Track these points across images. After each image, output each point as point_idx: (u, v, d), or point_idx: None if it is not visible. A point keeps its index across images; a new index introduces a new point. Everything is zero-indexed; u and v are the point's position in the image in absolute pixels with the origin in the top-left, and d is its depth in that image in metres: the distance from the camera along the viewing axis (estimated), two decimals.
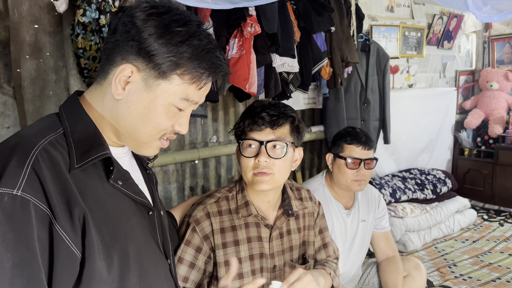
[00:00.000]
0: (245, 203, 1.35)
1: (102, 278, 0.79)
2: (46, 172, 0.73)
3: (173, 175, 2.72)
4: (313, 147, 3.60)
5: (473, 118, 4.55)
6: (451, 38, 4.55)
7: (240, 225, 1.34)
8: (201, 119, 2.77)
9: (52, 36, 2.09)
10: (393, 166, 4.05)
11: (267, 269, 1.36)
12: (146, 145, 0.90)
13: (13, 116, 2.03)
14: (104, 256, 0.79)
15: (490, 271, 2.91)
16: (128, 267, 0.84)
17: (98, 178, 0.84)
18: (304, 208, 1.49)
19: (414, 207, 3.50)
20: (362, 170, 1.92)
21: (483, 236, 3.62)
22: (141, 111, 0.85)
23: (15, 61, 2.00)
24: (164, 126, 0.87)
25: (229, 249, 1.31)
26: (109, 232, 0.81)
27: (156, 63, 0.82)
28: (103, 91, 0.87)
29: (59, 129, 0.82)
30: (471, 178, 4.57)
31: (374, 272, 2.15)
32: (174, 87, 0.84)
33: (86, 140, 0.83)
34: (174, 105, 0.86)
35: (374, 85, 3.52)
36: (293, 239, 1.43)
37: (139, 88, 0.84)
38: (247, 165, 1.30)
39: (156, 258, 0.95)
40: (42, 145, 0.76)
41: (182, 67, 0.83)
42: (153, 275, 0.92)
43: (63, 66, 2.14)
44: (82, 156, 0.80)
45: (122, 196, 0.88)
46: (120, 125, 0.87)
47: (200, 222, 1.31)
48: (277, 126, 1.28)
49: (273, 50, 2.37)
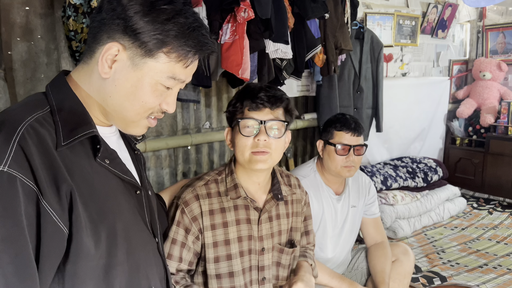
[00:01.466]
0: (234, 186, 1.37)
1: (90, 254, 0.80)
2: (33, 148, 0.74)
3: (166, 160, 2.72)
4: (306, 134, 3.61)
5: (465, 108, 4.58)
6: (445, 27, 4.55)
7: (229, 207, 1.36)
8: (194, 105, 2.77)
9: (44, 18, 2.07)
10: (385, 154, 4.08)
11: (255, 251, 1.38)
12: (133, 124, 0.91)
13: (4, 98, 2.02)
14: (92, 233, 0.80)
15: (478, 258, 2.96)
16: (115, 244, 0.85)
17: (86, 156, 0.84)
18: (292, 194, 1.52)
19: (405, 195, 3.54)
20: (352, 156, 1.94)
21: (472, 224, 3.67)
22: (128, 90, 0.85)
23: (5, 43, 1.98)
24: (151, 104, 0.88)
25: (217, 231, 1.33)
26: (97, 209, 0.82)
27: (142, 41, 0.82)
28: (90, 70, 0.87)
29: (46, 107, 0.83)
30: (462, 167, 4.62)
31: (363, 257, 2.19)
32: (161, 65, 0.84)
33: (73, 119, 0.83)
34: (161, 83, 0.86)
35: (368, 73, 3.52)
36: (282, 224, 1.45)
37: (126, 67, 0.84)
38: (245, 145, 1.32)
39: (144, 236, 0.97)
40: (28, 122, 0.76)
41: (169, 45, 0.83)
42: (141, 253, 0.94)
43: (55, 48, 2.12)
44: (69, 134, 0.80)
45: (110, 174, 0.89)
46: (107, 104, 0.87)
47: (189, 203, 1.33)
48: (275, 107, 1.31)
49: (267, 36, 2.37)
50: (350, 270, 2.21)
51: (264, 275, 1.40)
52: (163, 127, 2.67)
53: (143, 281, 0.94)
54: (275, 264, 1.44)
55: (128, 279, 0.89)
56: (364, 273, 2.15)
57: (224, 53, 2.23)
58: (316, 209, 1.98)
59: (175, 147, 2.70)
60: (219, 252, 1.34)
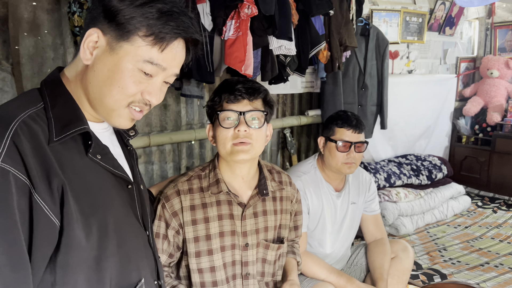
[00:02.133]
0: (216, 181, 1.39)
1: (81, 246, 0.83)
2: (26, 144, 0.76)
3: (170, 154, 2.76)
4: (310, 131, 3.62)
5: (472, 106, 4.55)
6: (453, 24, 4.52)
7: (211, 202, 1.38)
8: (197, 100, 2.80)
9: (50, 13, 2.11)
10: (389, 151, 4.07)
11: (239, 246, 1.40)
12: (114, 112, 0.91)
13: (12, 92, 2.06)
14: (83, 226, 0.83)
15: (480, 256, 2.96)
16: (106, 236, 0.88)
17: (77, 152, 0.87)
18: (281, 189, 1.52)
19: (409, 192, 3.54)
20: (353, 153, 1.96)
21: (475, 222, 3.67)
22: (106, 74, 0.86)
23: (13, 38, 2.02)
24: (129, 91, 0.88)
25: (199, 226, 1.36)
26: (88, 203, 0.85)
27: (118, 24, 0.84)
28: (76, 61, 0.91)
29: (40, 103, 0.85)
30: (467, 165, 4.60)
31: (362, 254, 2.21)
32: (136, 48, 0.85)
33: (65, 115, 0.86)
34: (138, 68, 0.87)
35: (373, 70, 3.52)
36: (268, 220, 1.46)
37: (104, 52, 0.86)
38: (226, 136, 1.33)
39: (135, 229, 0.99)
40: (22, 118, 0.79)
41: (143, 28, 0.85)
42: (132, 245, 0.97)
43: (61, 43, 2.16)
44: (61, 130, 0.83)
45: (101, 169, 0.91)
46: (89, 91, 0.89)
47: (170, 199, 1.36)
48: (254, 98, 1.33)
49: (270, 32, 2.38)
50: (350, 266, 2.23)
51: (248, 271, 1.42)
52: (167, 122, 2.71)
53: (134, 273, 0.97)
54: (261, 260, 1.46)
55: (119, 271, 0.92)
56: (363, 269, 2.17)
57: (228, 49, 2.25)
58: (316, 205, 2.00)
59: (179, 142, 2.73)
60: (201, 247, 1.36)
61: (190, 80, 2.45)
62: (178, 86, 2.47)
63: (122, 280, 0.93)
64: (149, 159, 2.65)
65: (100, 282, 0.88)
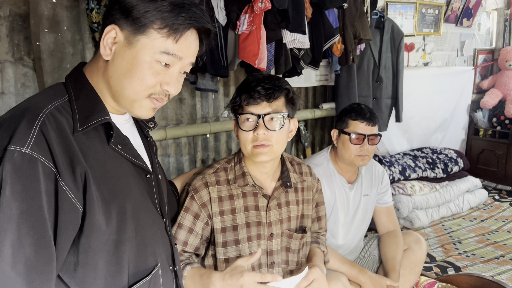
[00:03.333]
0: (242, 174, 1.42)
1: (101, 230, 0.88)
2: (52, 133, 0.82)
3: (185, 147, 2.81)
4: (324, 124, 3.64)
5: (489, 98, 4.49)
6: (471, 15, 4.45)
7: (237, 194, 1.41)
8: (212, 94, 2.84)
9: (69, 10, 2.17)
10: (405, 144, 4.06)
11: (264, 236, 1.44)
12: (136, 103, 0.95)
13: (33, 87, 2.13)
14: (103, 211, 0.89)
15: (495, 249, 2.95)
16: (125, 222, 0.93)
17: (99, 141, 0.92)
18: (303, 181, 1.55)
19: (424, 185, 3.53)
20: (366, 145, 1.97)
21: (492, 215, 3.64)
22: (125, 68, 0.91)
23: (34, 34, 2.09)
24: (149, 82, 0.92)
25: (226, 217, 1.39)
26: (109, 189, 0.90)
27: (133, 18, 0.89)
28: (97, 58, 0.96)
29: (65, 96, 0.91)
30: (485, 158, 4.55)
31: (375, 245, 2.23)
32: (152, 41, 0.90)
33: (88, 106, 0.91)
34: (156, 60, 0.91)
35: (388, 62, 3.50)
36: (291, 210, 1.50)
37: (123, 46, 0.91)
38: (246, 139, 1.36)
39: (152, 216, 1.04)
40: (49, 109, 0.85)
41: (158, 21, 0.89)
42: (148, 231, 1.01)
43: (80, 39, 2.22)
44: (84, 121, 0.89)
45: (121, 158, 0.96)
46: (110, 85, 0.94)
47: (198, 190, 1.39)
48: (273, 99, 1.33)
49: (284, 26, 2.40)
50: (362, 257, 2.25)
51: (273, 260, 1.46)
52: (183, 116, 2.76)
53: (150, 257, 1.02)
54: (285, 249, 1.49)
55: (136, 255, 0.97)
56: (376, 260, 2.19)
57: (241, 43, 2.28)
58: (328, 197, 2.03)
59: (195, 135, 2.78)
60: (227, 237, 1.40)
61: (205, 74, 2.49)
62: (193, 80, 2.51)
63: (139, 264, 0.98)
64: (165, 151, 2.71)
65: (118, 264, 0.93)
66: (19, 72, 2.10)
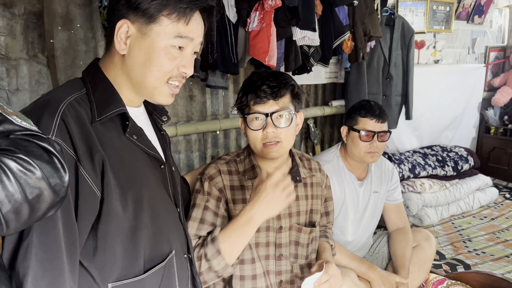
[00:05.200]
0: (252, 167, 1.45)
1: (118, 216, 0.92)
2: (72, 122, 0.86)
3: (196, 144, 2.84)
4: (334, 121, 3.64)
5: (501, 96, 4.45)
6: (483, 12, 4.41)
7: (248, 186, 1.44)
8: (222, 91, 2.86)
9: (82, 8, 2.20)
10: (415, 142, 4.04)
11: (273, 228, 1.46)
12: (156, 90, 0.99)
13: (47, 84, 2.17)
14: (120, 198, 0.92)
15: (505, 247, 2.93)
16: (141, 209, 0.97)
17: (116, 131, 0.96)
18: (312, 176, 1.58)
19: (433, 183, 3.52)
20: (376, 142, 1.98)
21: (502, 214, 3.61)
22: (144, 58, 0.95)
23: (48, 32, 2.13)
24: (167, 67, 0.96)
25: (237, 206, 1.42)
26: (125, 177, 0.94)
27: (143, 10, 0.92)
28: (112, 54, 0.99)
29: (83, 89, 0.95)
30: (496, 157, 4.51)
31: (384, 242, 2.23)
32: (164, 27, 0.94)
33: (105, 98, 0.95)
34: (171, 45, 0.95)
35: (398, 60, 3.49)
36: (300, 205, 1.52)
37: (137, 38, 0.94)
38: (255, 137, 1.38)
39: (167, 205, 1.07)
40: (69, 100, 0.89)
41: (166, 7, 0.93)
42: (164, 219, 1.05)
43: (92, 37, 2.25)
44: (102, 111, 0.93)
45: (137, 149, 1.00)
46: (131, 77, 0.98)
47: (213, 177, 1.42)
48: (279, 97, 1.34)
49: (294, 23, 2.41)
50: (371, 254, 2.26)
51: (282, 252, 1.48)
52: (193, 113, 2.78)
53: (165, 244, 1.05)
54: (294, 243, 1.51)
55: (152, 241, 1.00)
56: (385, 257, 2.19)
57: (252, 40, 2.29)
58: (338, 194, 2.04)
59: (205, 131, 2.80)
60: None
61: (215, 72, 2.51)
62: (203, 77, 2.53)
63: (155, 250, 1.01)
64: (176, 148, 2.73)
65: (135, 250, 0.96)
66: (33, 69, 2.14)
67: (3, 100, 2.07)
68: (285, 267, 1.50)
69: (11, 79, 2.09)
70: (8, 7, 2.04)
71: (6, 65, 2.07)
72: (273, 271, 1.48)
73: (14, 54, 2.08)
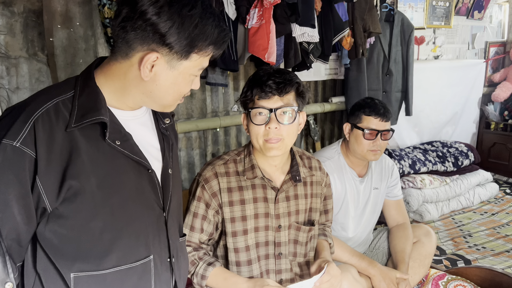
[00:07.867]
0: (252, 166, 1.45)
1: (83, 216, 0.97)
2: (43, 130, 0.90)
3: (196, 141, 2.84)
4: (334, 118, 3.64)
5: (501, 91, 4.45)
6: (482, 8, 4.40)
7: (246, 186, 1.44)
8: (222, 89, 2.86)
9: (81, 6, 2.20)
10: (415, 138, 4.04)
11: (272, 227, 1.47)
12: (170, 106, 1.08)
13: (47, 82, 2.17)
14: (86, 201, 0.95)
15: (506, 242, 2.94)
16: (110, 213, 0.99)
17: (95, 138, 0.97)
18: (312, 175, 1.57)
19: (434, 179, 3.52)
20: (379, 140, 1.97)
21: (503, 209, 3.62)
22: (168, 86, 1.00)
23: (47, 30, 2.13)
24: (185, 91, 1.05)
25: (235, 207, 1.42)
26: (95, 182, 0.96)
27: (177, 51, 0.95)
28: (124, 69, 0.98)
29: (71, 91, 0.97)
30: (496, 152, 4.51)
31: (384, 238, 2.24)
32: (194, 62, 0.99)
33: (87, 105, 0.96)
34: (193, 74, 1.02)
35: (398, 56, 3.49)
36: (300, 204, 1.52)
37: (165, 69, 0.97)
38: (257, 132, 1.38)
39: (148, 210, 1.08)
40: (47, 107, 0.92)
41: (198, 46, 0.96)
42: (141, 224, 1.06)
43: (92, 35, 2.25)
44: (79, 118, 0.94)
45: (118, 154, 1.00)
46: (148, 96, 1.01)
47: (208, 181, 1.43)
48: (284, 93, 1.34)
49: (293, 20, 2.41)
50: (372, 250, 2.26)
51: (281, 251, 1.49)
52: (193, 110, 2.78)
53: (142, 248, 1.06)
54: (293, 241, 1.52)
55: (125, 244, 1.02)
56: (385, 253, 2.20)
57: (251, 37, 2.29)
58: (339, 190, 2.04)
59: (205, 129, 2.81)
60: (237, 227, 1.43)
61: (215, 69, 2.51)
62: (203, 75, 2.54)
63: (129, 252, 1.03)
64: None
65: (101, 248, 0.99)
66: (33, 67, 2.14)
67: (3, 99, 2.07)
68: (285, 266, 1.50)
69: (11, 78, 2.09)
70: (8, 6, 2.04)
71: (6, 64, 2.07)
72: (273, 270, 1.49)
73: (14, 53, 2.08)
